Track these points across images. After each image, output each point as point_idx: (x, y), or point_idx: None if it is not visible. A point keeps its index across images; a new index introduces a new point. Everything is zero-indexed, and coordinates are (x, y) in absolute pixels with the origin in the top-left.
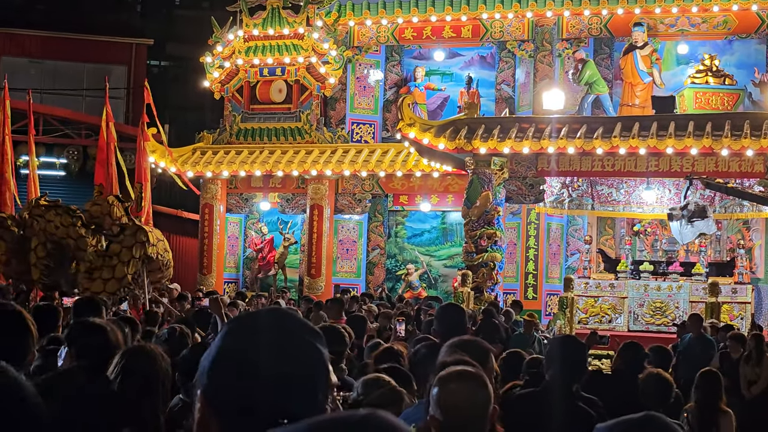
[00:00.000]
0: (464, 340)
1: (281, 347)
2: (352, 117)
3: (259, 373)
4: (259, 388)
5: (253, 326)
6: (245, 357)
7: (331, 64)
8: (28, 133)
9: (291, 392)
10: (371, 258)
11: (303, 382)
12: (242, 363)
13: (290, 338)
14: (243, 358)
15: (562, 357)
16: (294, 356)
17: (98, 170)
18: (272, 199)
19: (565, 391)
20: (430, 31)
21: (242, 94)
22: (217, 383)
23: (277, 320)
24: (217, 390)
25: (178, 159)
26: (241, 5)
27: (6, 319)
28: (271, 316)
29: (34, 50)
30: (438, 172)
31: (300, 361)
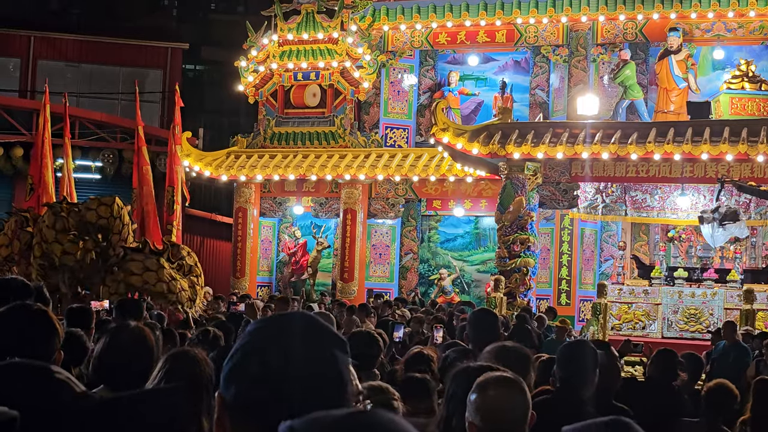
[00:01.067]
0: (504, 346)
1: (296, 351)
2: (386, 121)
3: (272, 375)
4: (271, 390)
5: (271, 329)
6: (260, 359)
7: (365, 68)
8: (64, 136)
9: (303, 396)
10: (404, 263)
11: (317, 386)
12: (257, 364)
13: (307, 342)
14: (258, 359)
15: (570, 362)
16: (309, 360)
17: (136, 173)
18: (306, 203)
19: (573, 397)
20: (465, 35)
21: (276, 98)
22: (231, 383)
23: (295, 324)
24: (230, 389)
25: (213, 163)
26: (275, 10)
27: (30, 319)
28: (291, 320)
29: (70, 54)
30: (471, 176)
31: (315, 365)
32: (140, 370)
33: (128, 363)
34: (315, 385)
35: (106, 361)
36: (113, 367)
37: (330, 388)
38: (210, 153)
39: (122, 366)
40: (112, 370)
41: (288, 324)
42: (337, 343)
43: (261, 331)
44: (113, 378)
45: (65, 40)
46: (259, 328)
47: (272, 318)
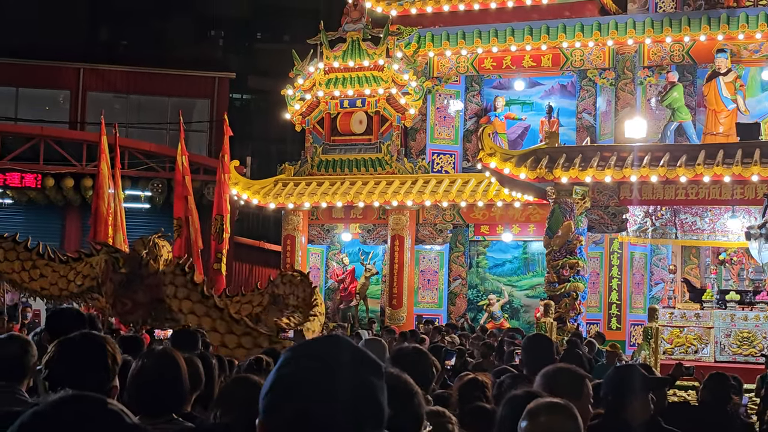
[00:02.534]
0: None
1: (331, 377)
2: (433, 147)
3: (308, 401)
4: (306, 416)
5: (308, 354)
6: (296, 384)
7: (411, 95)
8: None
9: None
10: (453, 288)
11: (349, 411)
12: (292, 389)
13: (346, 371)
14: (293, 384)
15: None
16: (347, 389)
17: (177, 204)
18: (353, 230)
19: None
20: (510, 60)
21: (323, 125)
22: (269, 408)
23: (332, 349)
24: (268, 414)
25: (260, 191)
26: (321, 38)
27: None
28: (327, 345)
29: (119, 85)
30: (519, 201)
31: (353, 394)
32: (172, 396)
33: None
34: (354, 415)
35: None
36: (143, 394)
37: (369, 416)
38: (258, 181)
39: (151, 393)
40: (143, 396)
41: (324, 351)
42: (373, 370)
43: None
44: (146, 405)
45: (114, 71)
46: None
47: (308, 345)
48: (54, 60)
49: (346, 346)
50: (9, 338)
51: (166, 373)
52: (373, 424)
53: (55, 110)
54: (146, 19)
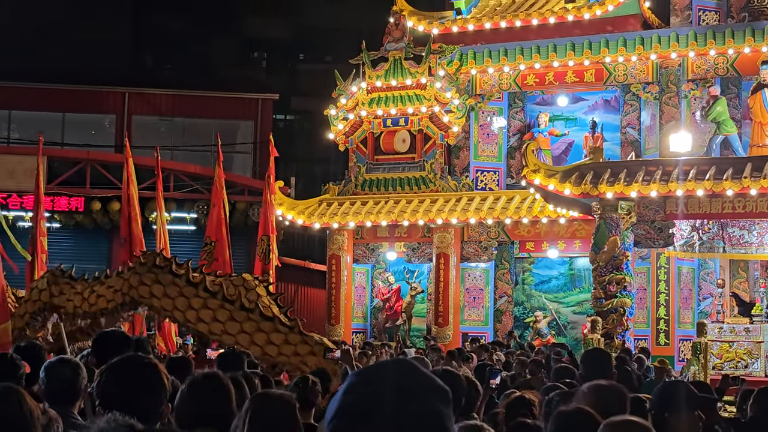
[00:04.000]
0: (601, 385)
1: (400, 409)
2: (476, 164)
3: (374, 428)
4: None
5: (374, 379)
6: (362, 411)
7: (453, 112)
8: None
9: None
10: (499, 306)
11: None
12: (358, 416)
13: (412, 398)
14: (359, 411)
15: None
16: (413, 419)
17: (210, 225)
18: (398, 249)
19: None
20: (553, 76)
21: (366, 145)
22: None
23: (399, 375)
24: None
25: (305, 211)
26: (363, 58)
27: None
28: (394, 371)
29: (163, 108)
30: (564, 217)
31: (414, 419)
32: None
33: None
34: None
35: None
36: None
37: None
38: (302, 201)
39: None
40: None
41: (391, 376)
42: (440, 396)
43: (360, 384)
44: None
45: (158, 95)
46: (359, 380)
47: (375, 370)
48: (99, 85)
49: (413, 372)
50: (60, 361)
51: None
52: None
53: (100, 134)
54: (190, 43)
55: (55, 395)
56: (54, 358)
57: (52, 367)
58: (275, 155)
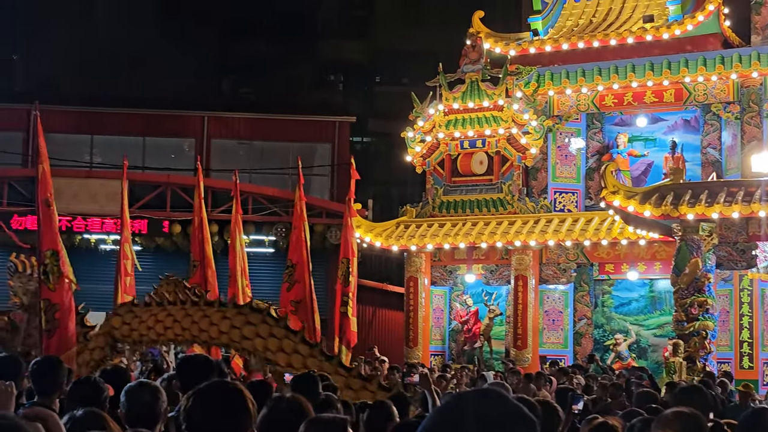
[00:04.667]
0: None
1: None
2: (555, 186)
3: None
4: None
5: (459, 413)
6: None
7: (531, 134)
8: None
9: None
10: (578, 328)
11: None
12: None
13: (492, 426)
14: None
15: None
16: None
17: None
18: (476, 271)
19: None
20: (632, 97)
21: (444, 167)
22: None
23: (483, 405)
24: None
25: (383, 233)
26: (440, 80)
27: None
28: (481, 400)
29: (242, 132)
30: (644, 239)
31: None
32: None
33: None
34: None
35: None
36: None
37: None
38: (379, 224)
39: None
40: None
41: (476, 405)
42: (526, 426)
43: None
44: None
45: (237, 119)
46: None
47: (461, 398)
48: (179, 109)
49: (498, 401)
50: (140, 386)
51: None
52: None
53: (180, 158)
54: (267, 67)
55: (136, 419)
56: (134, 382)
57: (132, 391)
58: (356, 178)
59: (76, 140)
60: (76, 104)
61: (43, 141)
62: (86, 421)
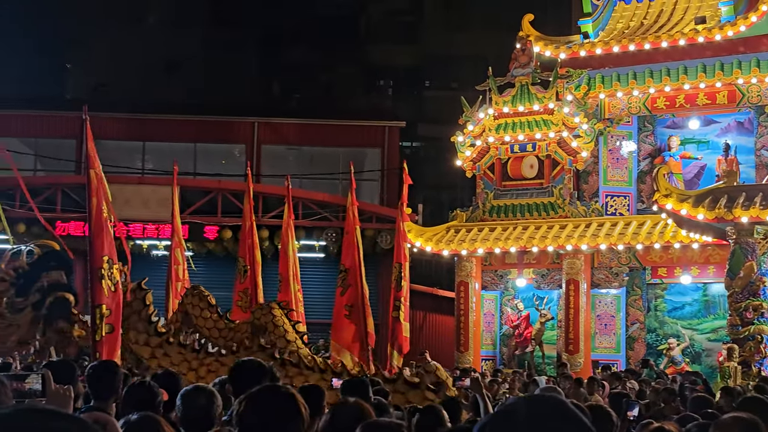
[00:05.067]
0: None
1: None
2: (606, 189)
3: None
4: None
5: (514, 413)
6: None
7: (582, 137)
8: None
9: None
10: (630, 333)
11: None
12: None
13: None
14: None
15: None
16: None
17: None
18: (527, 275)
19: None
20: (684, 99)
21: (494, 171)
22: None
23: (537, 409)
24: None
25: (433, 238)
26: (490, 84)
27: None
28: (534, 405)
29: (291, 138)
30: (698, 242)
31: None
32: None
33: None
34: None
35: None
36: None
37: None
38: (429, 228)
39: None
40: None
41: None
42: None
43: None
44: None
45: (287, 124)
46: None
47: (515, 405)
48: (229, 115)
49: (553, 405)
50: (196, 389)
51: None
52: None
53: (231, 164)
54: (316, 72)
55: (191, 423)
56: (190, 386)
57: (188, 395)
58: (409, 182)
59: (128, 147)
60: (127, 111)
61: (93, 145)
62: (141, 425)
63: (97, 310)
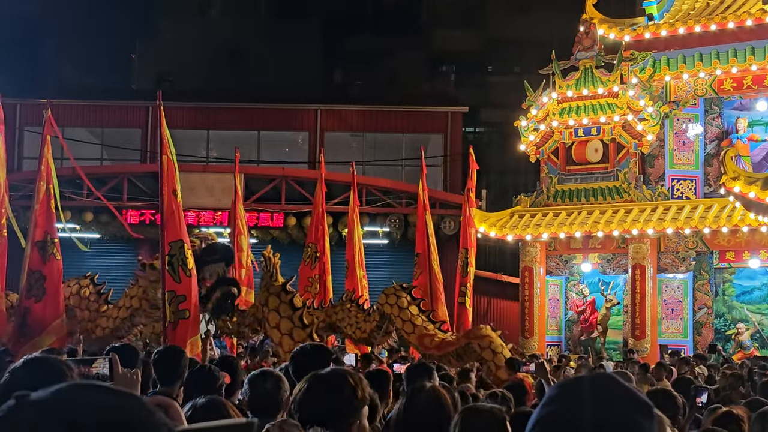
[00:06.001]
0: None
1: (601, 419)
2: (672, 173)
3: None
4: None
5: (575, 394)
6: (561, 423)
7: (647, 120)
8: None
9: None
10: (698, 318)
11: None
12: (556, 428)
13: (611, 410)
14: (558, 423)
15: None
16: (607, 426)
17: (419, 239)
18: (592, 260)
19: None
20: (751, 80)
21: (558, 155)
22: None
23: (600, 389)
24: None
25: (497, 223)
26: (553, 67)
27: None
28: (595, 385)
29: (354, 124)
30: (766, 226)
31: (613, 429)
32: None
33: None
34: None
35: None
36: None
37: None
38: (493, 213)
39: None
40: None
41: (591, 389)
42: (640, 409)
43: (562, 398)
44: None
45: (349, 111)
46: (560, 394)
47: (572, 382)
48: (292, 103)
49: (613, 385)
50: (262, 374)
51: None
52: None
53: (294, 151)
54: (378, 58)
55: (258, 407)
56: (258, 370)
57: (255, 380)
58: (476, 168)
59: (193, 135)
60: (192, 100)
61: (166, 132)
62: (209, 408)
63: (167, 295)
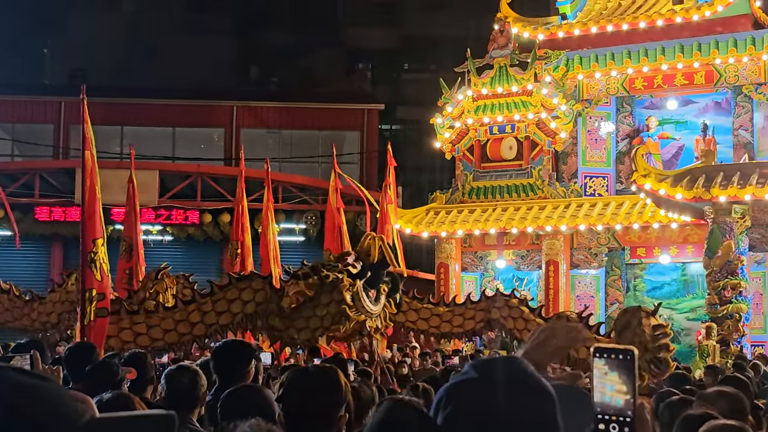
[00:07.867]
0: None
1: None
2: (585, 170)
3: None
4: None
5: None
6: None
7: (561, 118)
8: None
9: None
10: (610, 313)
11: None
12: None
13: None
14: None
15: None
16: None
17: (327, 236)
18: (507, 257)
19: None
20: (662, 79)
21: (473, 152)
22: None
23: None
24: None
25: (413, 220)
26: (468, 65)
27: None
28: (497, 371)
29: (270, 121)
30: (676, 222)
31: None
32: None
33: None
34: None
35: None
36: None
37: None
38: (409, 210)
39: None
40: None
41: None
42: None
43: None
44: None
45: (265, 108)
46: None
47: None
48: (208, 99)
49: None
50: (179, 369)
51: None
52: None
53: (210, 148)
54: (295, 55)
55: (175, 402)
56: (174, 366)
57: (172, 375)
58: (394, 165)
59: (107, 131)
60: (105, 96)
61: (89, 127)
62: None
63: (87, 293)
